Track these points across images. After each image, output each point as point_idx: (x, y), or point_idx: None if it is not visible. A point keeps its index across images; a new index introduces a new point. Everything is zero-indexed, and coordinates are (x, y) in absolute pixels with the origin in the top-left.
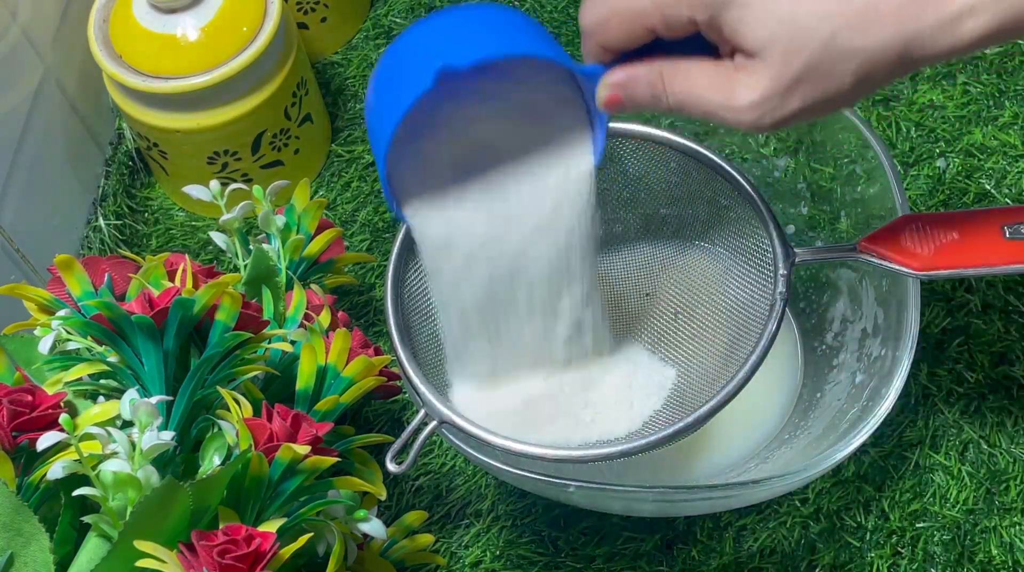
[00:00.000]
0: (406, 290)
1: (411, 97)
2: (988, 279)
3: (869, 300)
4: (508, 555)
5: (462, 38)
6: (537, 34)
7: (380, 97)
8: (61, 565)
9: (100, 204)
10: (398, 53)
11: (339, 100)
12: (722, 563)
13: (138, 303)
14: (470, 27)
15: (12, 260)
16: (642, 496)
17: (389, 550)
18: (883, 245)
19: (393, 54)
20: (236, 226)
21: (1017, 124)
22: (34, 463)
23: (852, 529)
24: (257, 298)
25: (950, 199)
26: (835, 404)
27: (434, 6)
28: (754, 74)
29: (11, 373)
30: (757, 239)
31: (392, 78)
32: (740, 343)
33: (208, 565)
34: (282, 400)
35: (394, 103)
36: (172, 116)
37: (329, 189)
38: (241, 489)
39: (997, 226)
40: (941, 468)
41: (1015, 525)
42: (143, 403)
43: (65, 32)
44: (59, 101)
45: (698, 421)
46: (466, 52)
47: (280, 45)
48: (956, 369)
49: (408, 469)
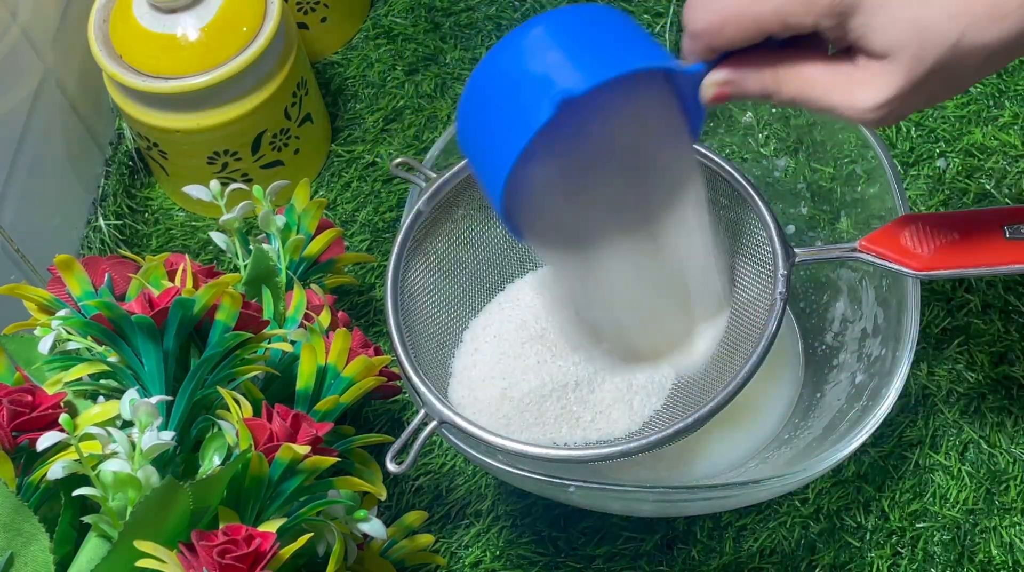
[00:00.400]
0: (406, 290)
1: (529, 130)
2: (988, 279)
3: (869, 300)
4: (508, 555)
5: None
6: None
7: (484, 123)
8: (61, 565)
9: (100, 204)
10: (497, 72)
11: (339, 100)
12: (722, 563)
13: (138, 303)
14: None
15: (12, 260)
16: (642, 496)
17: (389, 550)
18: (883, 245)
19: (491, 72)
20: (236, 226)
21: (1017, 124)
22: (34, 463)
23: (852, 529)
24: (257, 298)
25: (950, 199)
26: (835, 404)
27: (434, 6)
28: (881, 75)
29: (11, 373)
30: (757, 239)
31: (498, 102)
32: (740, 343)
33: (208, 565)
34: (282, 400)
35: (506, 135)
36: (172, 116)
37: (329, 189)
38: (241, 489)
39: (997, 226)
40: (941, 468)
41: (1015, 525)
42: (143, 403)
43: (65, 32)
44: (59, 101)
45: (698, 421)
46: (580, 72)
47: (280, 45)
48: (956, 369)
49: (408, 469)
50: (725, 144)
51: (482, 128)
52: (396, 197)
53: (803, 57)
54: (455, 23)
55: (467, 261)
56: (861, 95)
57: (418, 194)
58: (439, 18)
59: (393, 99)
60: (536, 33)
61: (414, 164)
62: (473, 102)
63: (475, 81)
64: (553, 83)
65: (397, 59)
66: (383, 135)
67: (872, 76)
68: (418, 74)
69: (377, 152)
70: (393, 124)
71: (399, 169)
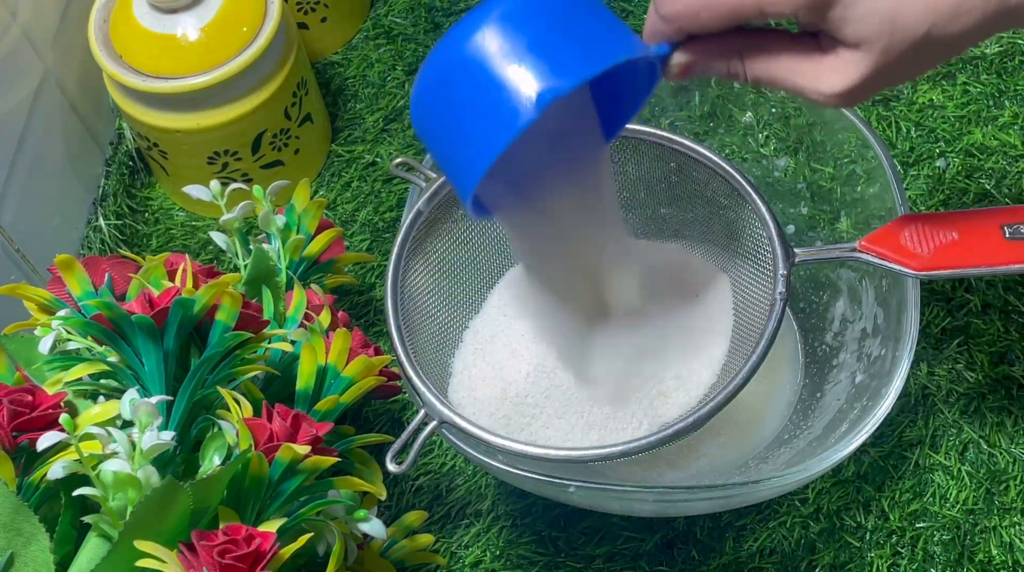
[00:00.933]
0: (406, 290)
1: (510, 131)
2: (988, 279)
3: (869, 300)
4: (508, 555)
5: (545, 44)
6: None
7: (452, 113)
8: (61, 565)
9: (100, 204)
10: (464, 58)
11: (339, 100)
12: (722, 563)
13: (138, 303)
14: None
15: (12, 260)
16: (642, 496)
17: (389, 550)
18: (883, 245)
19: (457, 57)
20: (236, 226)
21: (1017, 124)
22: (34, 463)
23: (852, 529)
24: (257, 298)
25: (950, 199)
26: (835, 404)
27: (434, 6)
28: (851, 63)
29: (11, 373)
30: (757, 239)
31: (467, 92)
32: (740, 343)
33: (208, 565)
34: (282, 400)
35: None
36: (172, 116)
37: (329, 189)
38: (241, 489)
39: (997, 226)
40: (941, 468)
41: (1015, 525)
42: (143, 403)
43: (65, 32)
44: (59, 101)
45: (698, 421)
46: (561, 68)
47: (280, 45)
48: (956, 369)
49: (408, 469)
50: (725, 144)
51: (449, 118)
52: (396, 197)
53: (769, 38)
54: (455, 23)
55: (467, 261)
56: (828, 80)
57: (418, 194)
58: (439, 18)
59: (393, 99)
60: (501, 14)
61: (414, 164)
62: (436, 87)
63: (438, 63)
64: (534, 80)
65: (397, 59)
66: (383, 135)
67: (842, 64)
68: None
69: (377, 152)
70: (393, 124)
71: (399, 169)
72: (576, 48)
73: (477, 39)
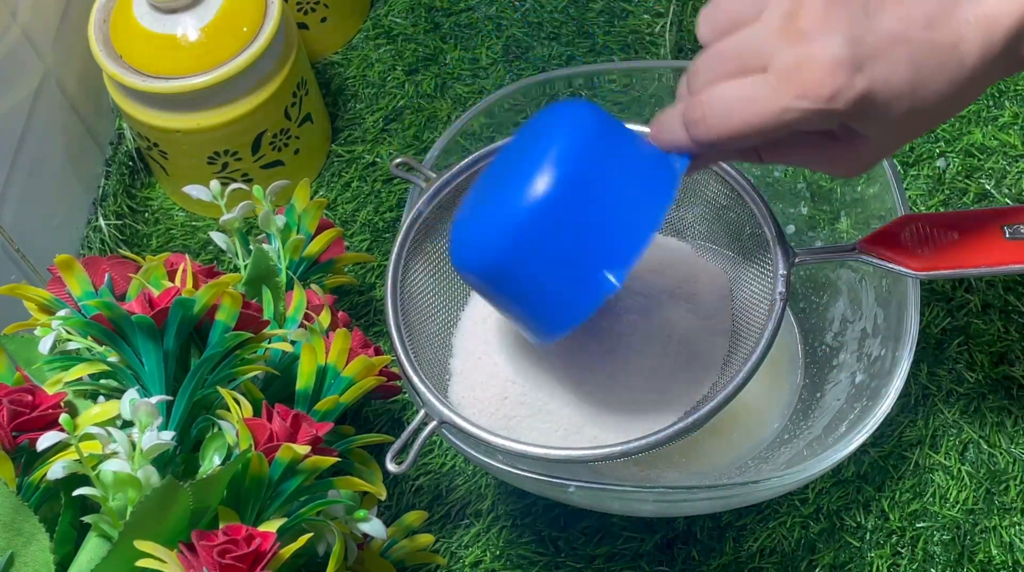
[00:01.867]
0: (406, 290)
1: (587, 309)
2: (988, 279)
3: (869, 300)
4: (508, 555)
5: (609, 216)
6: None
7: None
8: (61, 565)
9: (100, 204)
10: (560, 214)
11: (339, 100)
12: (722, 563)
13: (138, 303)
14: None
15: (12, 260)
16: (642, 496)
17: (389, 550)
18: (883, 245)
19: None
20: (236, 226)
21: (1017, 124)
22: (34, 463)
23: (852, 529)
24: (257, 298)
25: (950, 199)
26: (835, 404)
27: (434, 6)
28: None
29: (11, 373)
30: (757, 239)
31: (555, 251)
32: (740, 343)
33: (208, 565)
34: (282, 400)
35: (568, 296)
36: (172, 116)
37: (329, 189)
38: (241, 489)
39: (997, 226)
40: (941, 468)
41: (1015, 525)
42: (143, 403)
43: (65, 32)
44: (59, 101)
45: (698, 421)
46: (623, 240)
47: (280, 45)
48: (956, 369)
49: (408, 469)
50: None
51: (532, 280)
52: (396, 197)
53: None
54: (455, 23)
55: None
56: (845, 166)
57: (418, 194)
58: (439, 18)
59: (393, 99)
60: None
61: (414, 164)
62: (523, 248)
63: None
64: (610, 261)
65: (397, 59)
66: (383, 135)
67: (855, 154)
68: (418, 74)
69: (377, 152)
70: (393, 124)
71: (399, 169)
72: (634, 212)
73: (554, 208)
